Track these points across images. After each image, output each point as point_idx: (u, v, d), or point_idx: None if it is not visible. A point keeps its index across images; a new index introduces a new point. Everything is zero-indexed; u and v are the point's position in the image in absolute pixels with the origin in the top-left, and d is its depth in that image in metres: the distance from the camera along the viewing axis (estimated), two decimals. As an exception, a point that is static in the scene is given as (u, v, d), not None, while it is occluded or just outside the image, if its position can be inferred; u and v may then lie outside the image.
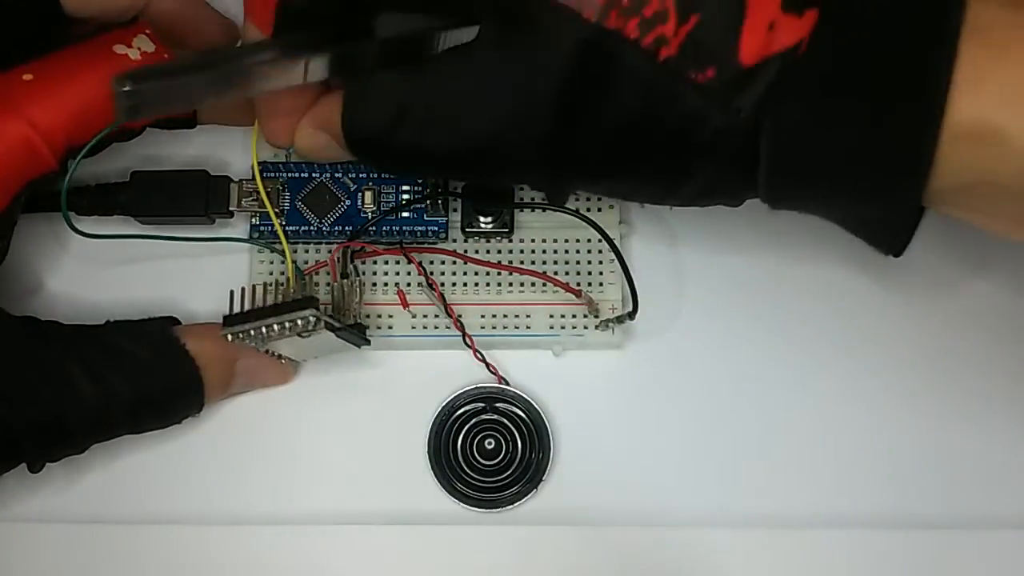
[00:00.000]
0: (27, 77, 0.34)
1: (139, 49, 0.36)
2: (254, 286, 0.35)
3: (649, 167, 0.31)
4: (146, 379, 0.35)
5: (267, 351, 0.36)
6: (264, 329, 0.34)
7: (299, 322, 0.34)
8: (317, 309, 0.34)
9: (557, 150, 0.31)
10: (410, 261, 0.39)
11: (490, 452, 0.38)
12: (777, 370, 0.39)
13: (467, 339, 0.39)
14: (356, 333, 0.36)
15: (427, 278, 0.39)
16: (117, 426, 0.35)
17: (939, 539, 0.37)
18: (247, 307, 0.35)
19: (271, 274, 0.40)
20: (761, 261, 0.40)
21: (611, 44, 0.29)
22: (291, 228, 0.39)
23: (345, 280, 0.37)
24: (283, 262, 0.39)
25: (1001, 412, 0.39)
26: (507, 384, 0.39)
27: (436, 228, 0.39)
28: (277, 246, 0.39)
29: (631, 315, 0.37)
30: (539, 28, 0.29)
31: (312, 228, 0.39)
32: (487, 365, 0.39)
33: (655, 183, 0.32)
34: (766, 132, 0.29)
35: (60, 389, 0.34)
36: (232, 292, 0.35)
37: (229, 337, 0.34)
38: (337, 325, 0.35)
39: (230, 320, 0.34)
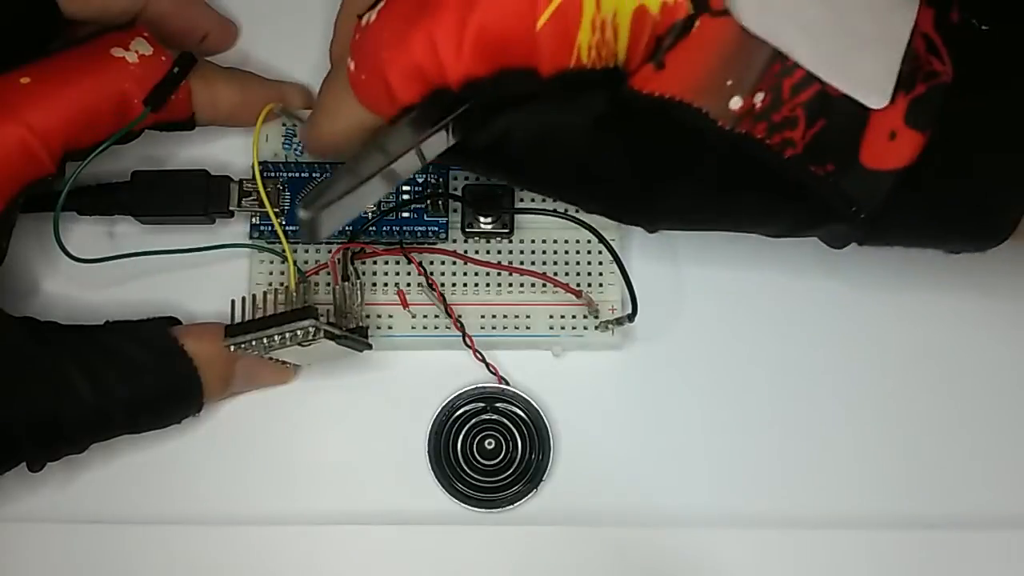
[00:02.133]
0: (24, 80, 0.34)
1: (137, 52, 0.36)
2: (254, 295, 0.35)
3: (768, 225, 0.34)
4: (145, 380, 0.35)
5: (270, 358, 0.36)
6: (265, 340, 0.34)
7: (299, 332, 0.34)
8: (316, 319, 0.34)
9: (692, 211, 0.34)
10: (410, 261, 0.39)
11: (490, 452, 0.38)
12: (776, 370, 0.39)
13: (467, 339, 0.39)
14: (357, 338, 0.36)
15: (427, 278, 0.39)
16: (116, 427, 0.35)
17: (939, 539, 0.37)
18: (248, 316, 0.35)
19: (271, 274, 0.39)
20: (760, 262, 0.40)
21: (743, 145, 0.30)
22: (291, 228, 0.39)
23: (346, 283, 0.37)
24: (284, 263, 0.39)
25: (1001, 412, 0.39)
26: (507, 384, 0.39)
27: (436, 228, 0.39)
28: (277, 246, 0.39)
29: (631, 317, 0.37)
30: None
31: (312, 228, 0.39)
32: (487, 365, 0.39)
33: (773, 231, 0.35)
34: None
35: (58, 390, 0.34)
36: (233, 302, 0.35)
37: (232, 348, 0.34)
38: (337, 333, 0.35)
39: (232, 331, 0.34)
